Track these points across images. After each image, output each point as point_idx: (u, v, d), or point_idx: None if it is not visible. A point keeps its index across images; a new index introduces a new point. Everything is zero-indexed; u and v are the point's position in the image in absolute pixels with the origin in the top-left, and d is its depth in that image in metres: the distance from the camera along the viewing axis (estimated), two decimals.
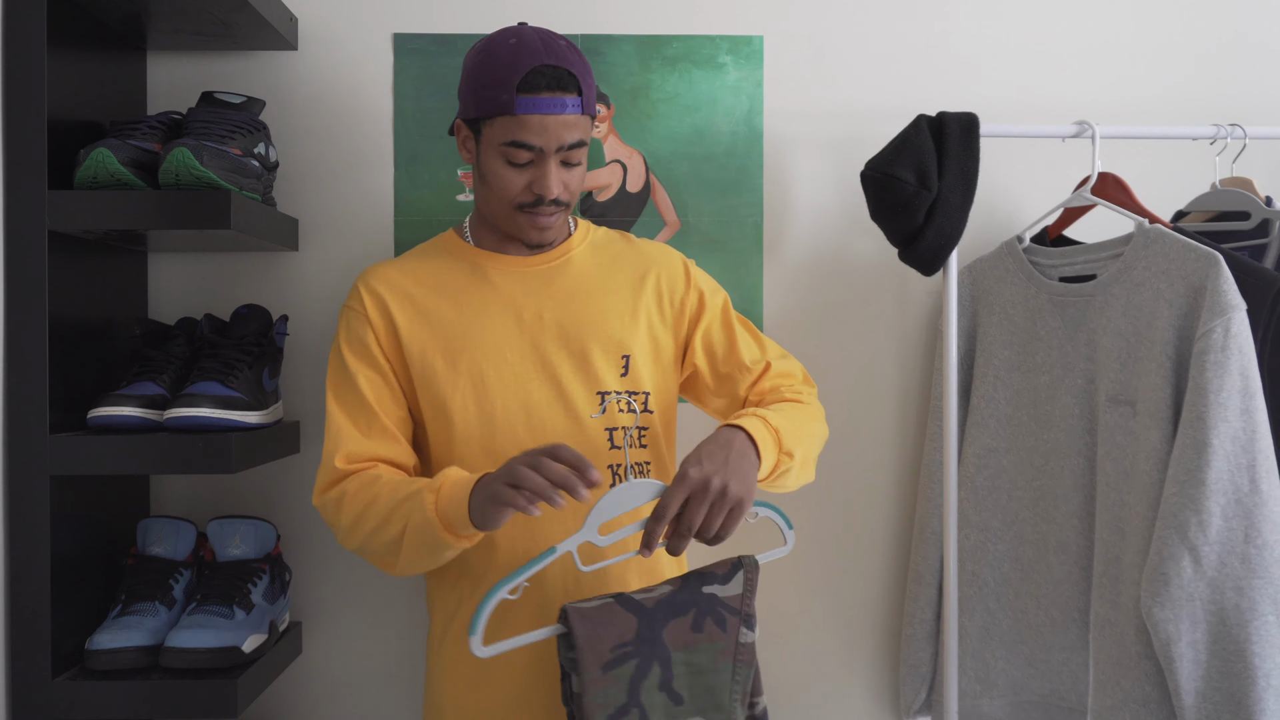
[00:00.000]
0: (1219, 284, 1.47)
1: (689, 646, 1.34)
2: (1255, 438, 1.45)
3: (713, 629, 1.35)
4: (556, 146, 1.41)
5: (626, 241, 1.61)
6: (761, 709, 1.37)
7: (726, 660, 1.35)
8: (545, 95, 1.39)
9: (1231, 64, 1.86)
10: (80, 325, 1.54)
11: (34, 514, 1.41)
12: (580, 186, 1.49)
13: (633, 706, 1.30)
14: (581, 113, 1.42)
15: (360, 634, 1.78)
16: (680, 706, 1.32)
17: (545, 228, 1.47)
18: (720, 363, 1.58)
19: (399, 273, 1.52)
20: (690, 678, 1.34)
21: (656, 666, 1.33)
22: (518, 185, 1.43)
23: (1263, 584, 1.44)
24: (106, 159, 1.41)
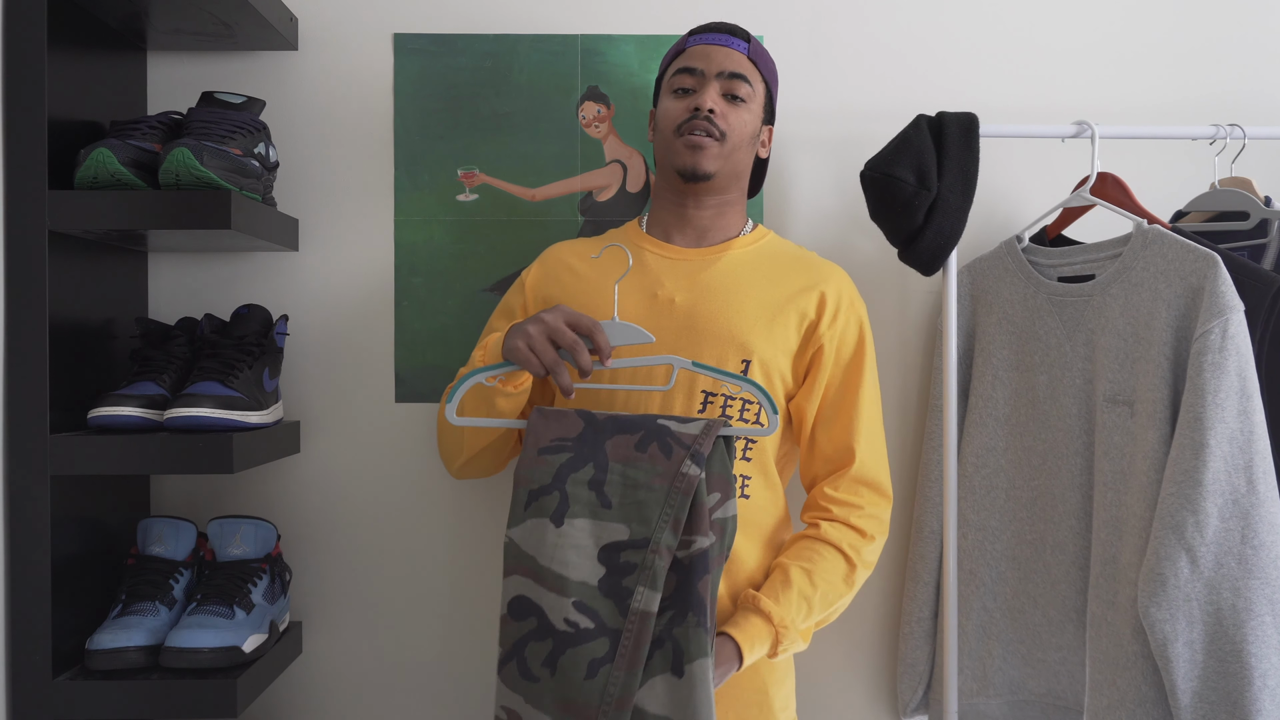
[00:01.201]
0: (1217, 285, 1.47)
1: (628, 461, 1.35)
2: (1252, 439, 1.46)
3: (656, 453, 1.35)
4: (717, 71, 1.51)
5: (802, 253, 1.61)
6: (700, 549, 1.32)
7: (663, 483, 1.33)
8: (713, 33, 1.54)
9: (1231, 64, 1.86)
10: (80, 325, 1.54)
11: (34, 514, 1.41)
12: (743, 130, 1.53)
13: (555, 489, 1.33)
14: (748, 56, 1.53)
15: (360, 634, 1.79)
16: (606, 510, 1.33)
17: (698, 145, 1.48)
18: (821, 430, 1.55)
19: (570, 248, 1.63)
20: (624, 488, 1.34)
21: (591, 466, 1.35)
22: (678, 109, 1.51)
23: (1259, 584, 1.44)
24: (106, 159, 1.41)
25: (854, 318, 1.57)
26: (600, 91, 1.80)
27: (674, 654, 1.30)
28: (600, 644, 1.29)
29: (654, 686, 1.29)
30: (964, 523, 1.72)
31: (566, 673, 1.28)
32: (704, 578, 1.31)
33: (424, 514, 1.79)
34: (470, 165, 1.79)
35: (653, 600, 1.30)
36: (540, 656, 1.29)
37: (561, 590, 1.30)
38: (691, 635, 1.30)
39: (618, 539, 1.32)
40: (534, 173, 1.79)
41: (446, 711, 1.79)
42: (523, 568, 1.32)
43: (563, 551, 1.31)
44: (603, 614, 1.30)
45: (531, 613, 1.30)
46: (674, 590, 1.32)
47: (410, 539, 1.79)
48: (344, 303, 1.78)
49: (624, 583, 1.31)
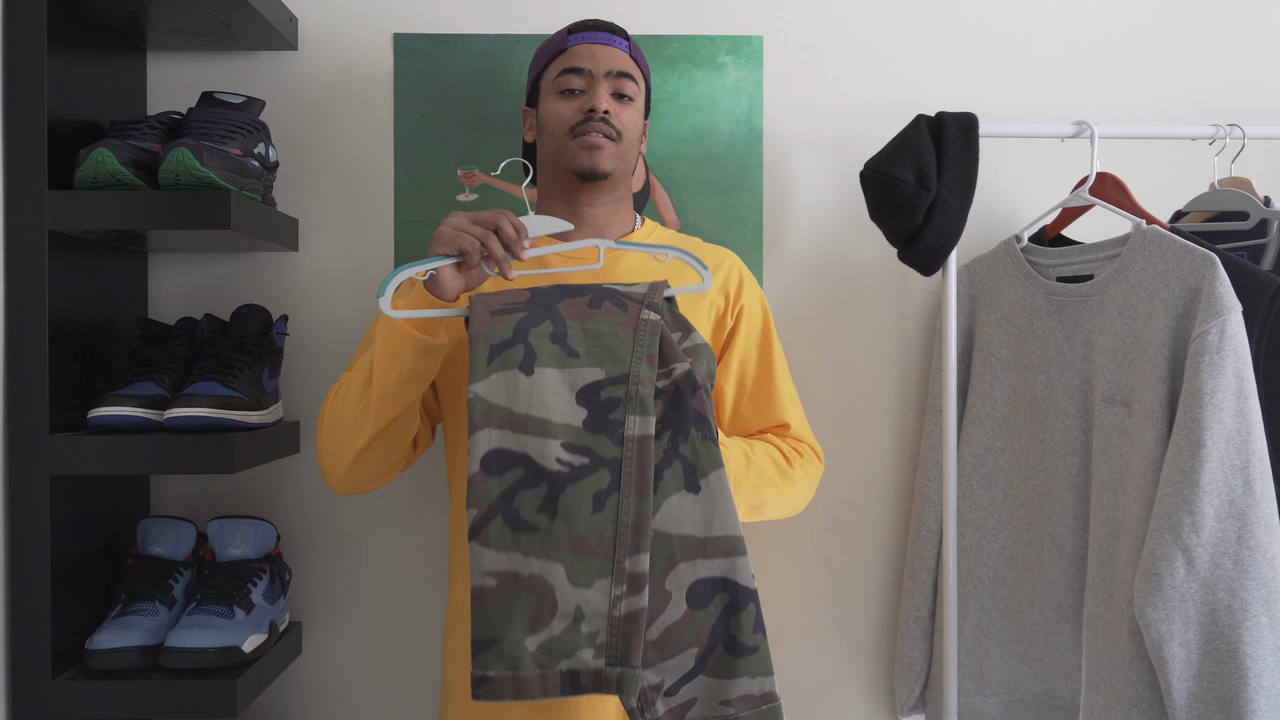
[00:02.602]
0: (1215, 285, 1.47)
1: (585, 318, 1.29)
2: (1249, 439, 1.46)
3: (611, 308, 1.30)
4: (605, 70, 1.49)
5: (691, 243, 1.62)
6: (682, 371, 1.26)
7: (627, 330, 1.28)
8: (593, 31, 1.52)
9: (1231, 64, 1.86)
10: (80, 325, 1.54)
11: (34, 514, 1.41)
12: (634, 128, 1.52)
13: (518, 342, 1.25)
14: (630, 55, 1.52)
15: (360, 634, 1.79)
16: (575, 358, 1.26)
17: (595, 146, 1.47)
18: (744, 403, 1.57)
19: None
20: (587, 339, 1.27)
21: (549, 323, 1.28)
22: (570, 109, 1.49)
23: (1255, 585, 1.44)
24: (106, 159, 1.42)
25: (754, 294, 1.60)
26: None
27: (685, 471, 1.23)
28: (601, 475, 1.21)
29: (670, 508, 1.22)
30: (961, 522, 1.72)
31: (571, 511, 1.19)
32: (696, 393, 1.25)
33: (424, 514, 1.79)
34: (470, 165, 1.79)
35: (647, 424, 1.23)
36: (535, 503, 1.20)
37: (546, 433, 1.22)
38: (700, 449, 1.23)
39: (594, 380, 1.25)
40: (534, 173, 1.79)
41: None
42: (494, 419, 1.22)
43: (540, 396, 1.23)
44: (596, 448, 1.22)
45: (515, 463, 1.21)
46: (665, 413, 1.25)
47: (410, 539, 1.79)
48: (344, 303, 1.78)
49: (611, 417, 1.23)
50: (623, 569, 1.19)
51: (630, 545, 1.19)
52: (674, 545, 1.21)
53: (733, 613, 1.21)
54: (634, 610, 1.17)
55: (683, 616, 1.20)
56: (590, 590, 1.18)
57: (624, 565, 1.19)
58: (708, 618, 1.21)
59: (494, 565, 1.19)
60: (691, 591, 1.20)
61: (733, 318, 1.57)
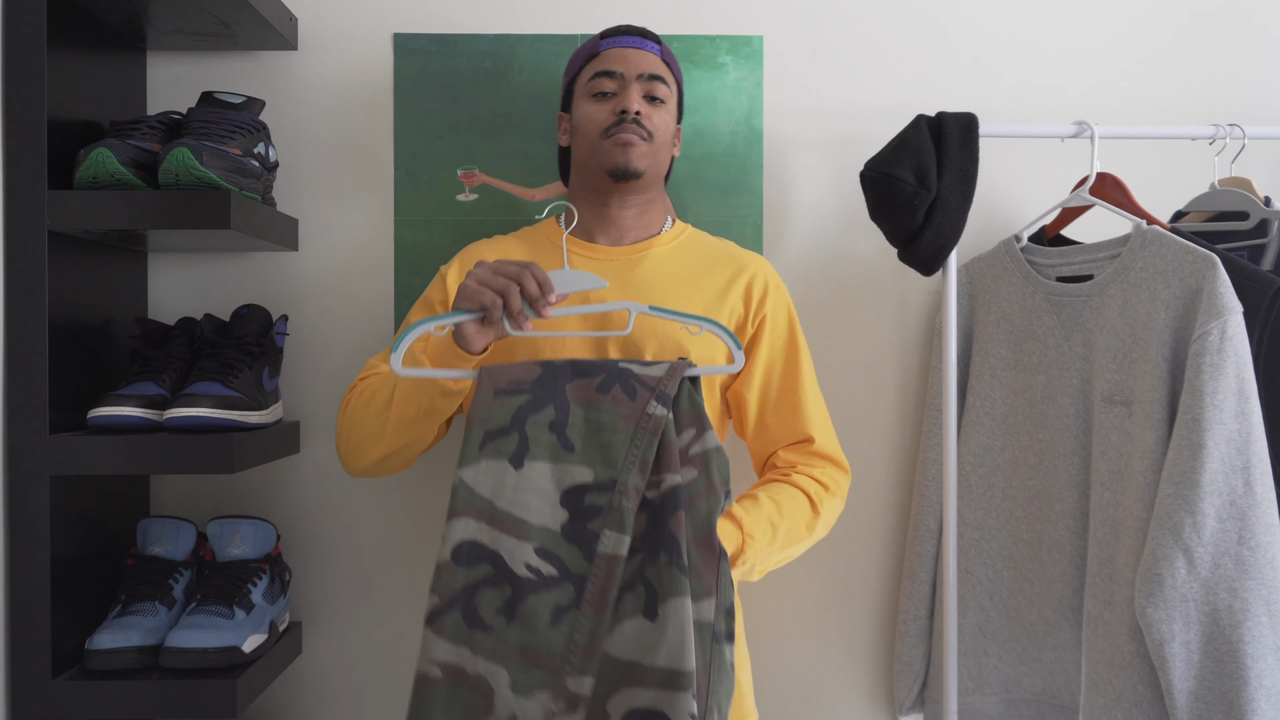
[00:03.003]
0: (1216, 286, 1.47)
1: (590, 404, 1.28)
2: (1250, 440, 1.46)
3: (619, 395, 1.28)
4: (637, 73, 1.51)
5: (722, 245, 1.62)
6: (670, 486, 1.24)
7: (628, 425, 1.26)
8: (626, 36, 1.55)
9: (1231, 64, 1.86)
10: (80, 325, 1.54)
11: (34, 514, 1.41)
12: (666, 130, 1.54)
13: (514, 431, 1.25)
14: (662, 59, 1.55)
15: (360, 634, 1.79)
16: (569, 453, 1.25)
17: (628, 144, 1.49)
18: (769, 413, 1.57)
19: (495, 249, 1.60)
20: (586, 431, 1.26)
21: (551, 408, 1.27)
22: (603, 113, 1.51)
23: (1256, 585, 1.44)
24: (106, 159, 1.42)
25: (781, 302, 1.59)
26: None
27: (646, 596, 1.21)
28: (565, 591, 1.20)
29: (623, 630, 1.20)
30: (961, 521, 1.72)
31: (528, 621, 1.19)
32: (676, 515, 1.23)
33: (424, 514, 1.79)
34: (470, 165, 1.79)
35: (621, 543, 1.22)
36: (495, 604, 1.19)
37: (522, 535, 1.21)
38: (664, 575, 1.21)
39: (582, 481, 1.24)
40: (534, 173, 1.79)
41: None
42: (474, 510, 1.22)
43: (523, 495, 1.23)
44: (566, 560, 1.21)
45: (484, 559, 1.20)
46: (644, 531, 1.24)
47: (410, 539, 1.79)
48: (344, 303, 1.78)
49: (589, 527, 1.22)
50: (564, 688, 1.19)
51: (577, 666, 1.19)
52: (618, 669, 1.20)
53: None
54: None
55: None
56: (529, 702, 1.18)
57: (566, 685, 1.19)
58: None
59: (443, 656, 1.19)
60: (627, 718, 1.18)
61: (753, 326, 1.56)
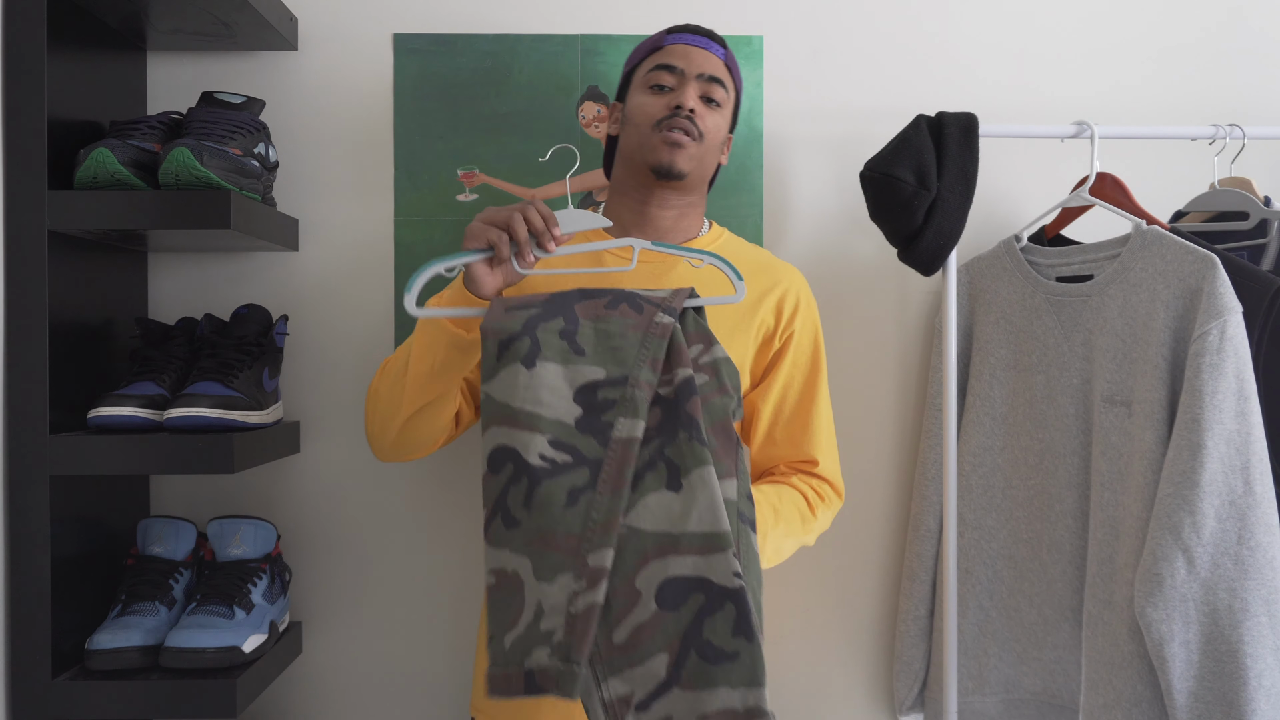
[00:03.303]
0: (1215, 286, 1.47)
1: (599, 317, 1.29)
2: (1249, 440, 1.46)
3: (627, 310, 1.29)
4: (697, 72, 1.50)
5: (756, 254, 1.60)
6: (683, 378, 1.24)
7: (637, 331, 1.27)
8: (692, 34, 1.54)
9: (1231, 64, 1.86)
10: (80, 325, 1.54)
11: (34, 514, 1.42)
12: (717, 134, 1.52)
13: (525, 336, 1.25)
14: (725, 63, 1.53)
15: (360, 634, 1.79)
16: (579, 355, 1.25)
17: (677, 143, 1.47)
18: (779, 427, 1.57)
19: None
20: (596, 339, 1.27)
21: (560, 319, 1.28)
22: (658, 105, 1.50)
23: (1255, 585, 1.45)
24: (106, 159, 1.42)
25: (810, 321, 1.59)
26: (600, 91, 1.80)
27: (668, 471, 1.19)
28: (579, 474, 1.19)
29: (647, 504, 1.18)
30: (960, 521, 1.72)
31: (544, 506, 1.17)
32: (691, 399, 1.22)
33: (424, 514, 1.79)
34: (470, 165, 1.79)
35: (636, 428, 1.20)
36: (520, 499, 1.18)
37: (535, 428, 1.20)
38: (685, 449, 1.20)
39: (594, 379, 1.24)
40: (534, 173, 1.79)
41: (446, 711, 1.79)
42: (498, 417, 1.22)
43: (535, 391, 1.22)
44: (581, 448, 1.20)
45: (508, 459, 1.20)
46: (660, 420, 1.23)
47: (410, 539, 1.79)
48: (344, 303, 1.78)
49: (603, 418, 1.21)
50: (584, 564, 1.15)
51: (596, 541, 1.15)
52: (647, 542, 1.16)
53: (707, 615, 1.13)
54: (589, 606, 1.13)
55: (651, 617, 1.14)
56: (552, 586, 1.15)
57: (586, 561, 1.15)
58: (679, 621, 1.13)
59: (494, 563, 1.18)
60: (662, 590, 1.14)
61: (780, 340, 1.55)
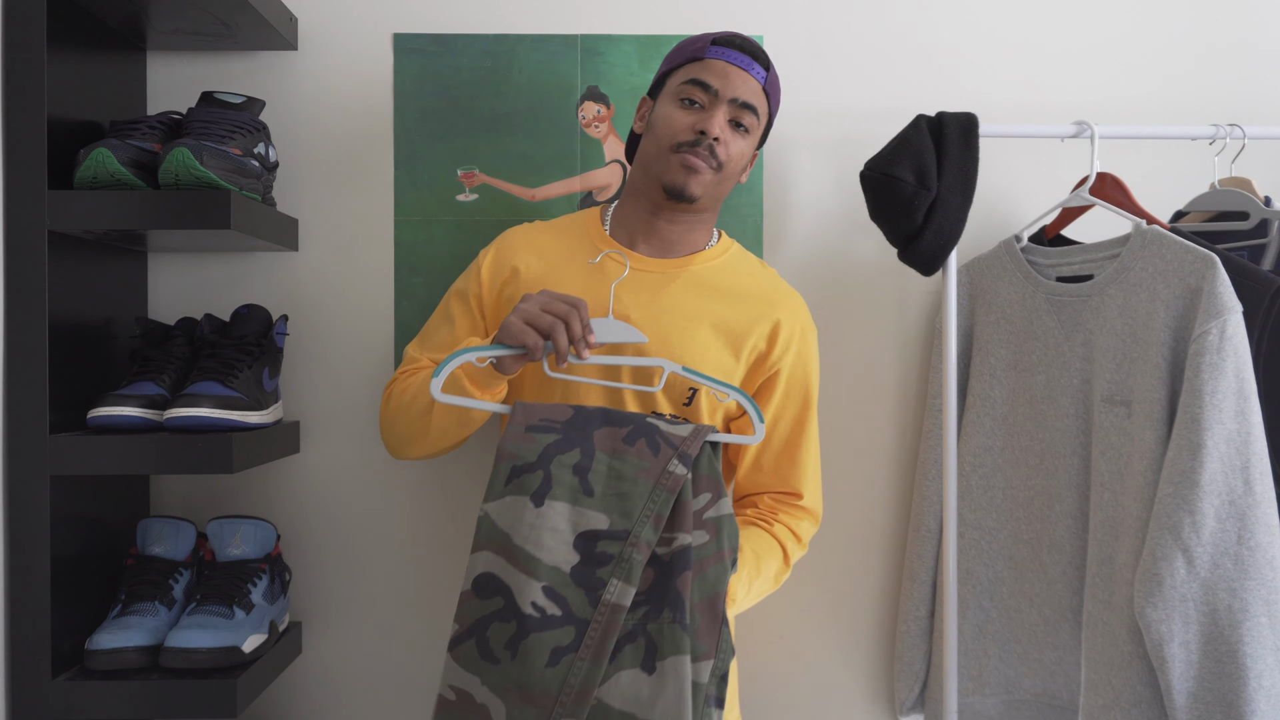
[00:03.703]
0: (1215, 286, 1.47)
1: (615, 453, 1.33)
2: (1249, 440, 1.46)
3: (643, 449, 1.33)
4: (731, 96, 1.46)
5: (762, 275, 1.58)
6: (681, 545, 1.29)
7: (648, 478, 1.31)
8: (735, 50, 1.48)
9: (1231, 64, 1.86)
10: (80, 325, 1.54)
11: (34, 514, 1.42)
12: (740, 160, 1.50)
13: (540, 468, 1.30)
14: (763, 86, 1.49)
15: (360, 634, 1.79)
16: (588, 497, 1.30)
17: (694, 169, 1.45)
18: (767, 456, 1.57)
19: (533, 236, 1.58)
20: (608, 478, 1.31)
21: (578, 451, 1.32)
22: (684, 123, 1.46)
23: (1255, 585, 1.44)
24: (106, 159, 1.42)
25: (806, 354, 1.57)
26: (600, 91, 1.80)
27: (646, 649, 1.25)
28: (566, 632, 1.24)
29: (619, 681, 1.24)
30: (961, 521, 1.72)
31: (528, 658, 1.23)
32: (684, 574, 1.27)
33: (424, 514, 1.79)
34: (470, 165, 1.79)
35: (626, 594, 1.26)
36: (503, 639, 1.24)
37: (532, 572, 1.25)
38: (666, 631, 1.25)
39: (596, 527, 1.28)
40: (534, 173, 1.79)
41: None
42: (494, 544, 1.27)
43: (538, 533, 1.27)
44: (572, 602, 1.25)
45: (498, 592, 1.25)
46: (651, 586, 1.28)
47: (410, 539, 1.79)
48: (344, 303, 1.78)
49: (598, 573, 1.26)
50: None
51: (570, 708, 1.22)
52: (613, 718, 1.23)
53: None
54: None
55: None
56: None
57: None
58: None
59: (457, 681, 1.25)
60: None
61: (771, 369, 1.53)
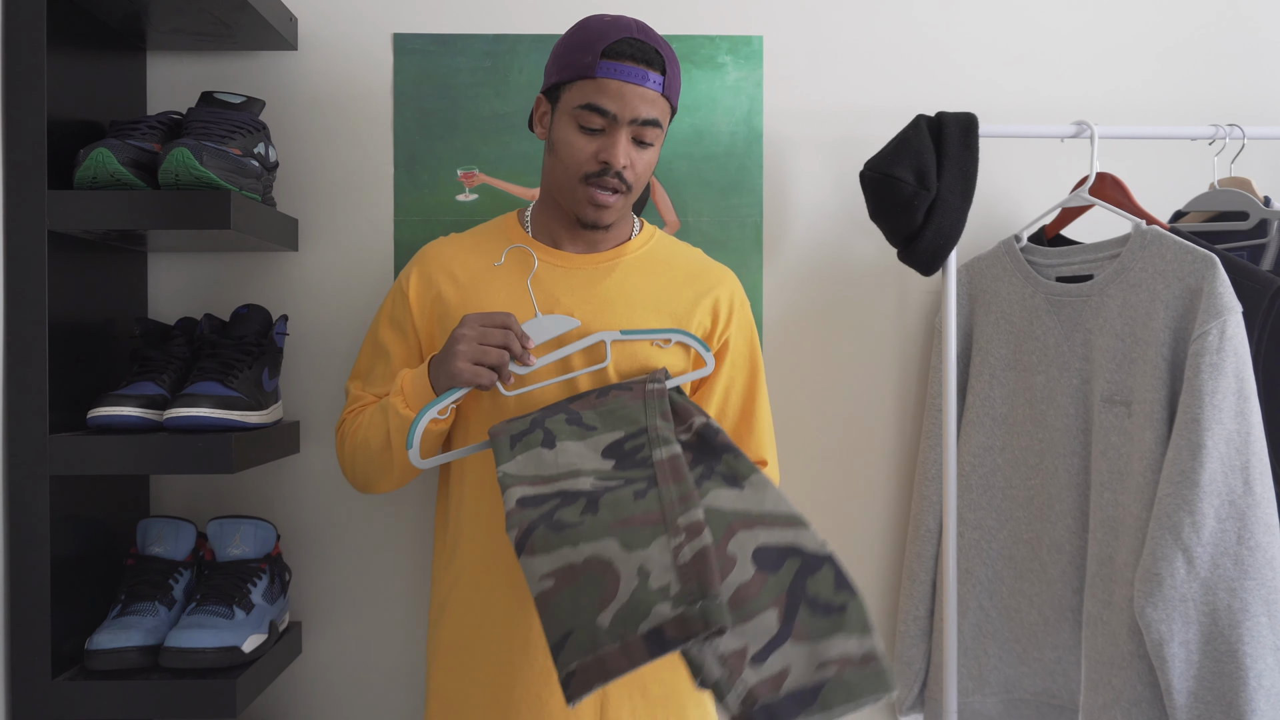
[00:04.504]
0: (1215, 286, 1.47)
1: (595, 405, 1.37)
2: (1249, 440, 1.46)
3: (617, 393, 1.38)
4: (631, 117, 1.40)
5: (690, 256, 1.58)
6: (700, 423, 1.32)
7: (636, 400, 1.35)
8: (629, 64, 1.40)
9: (1230, 64, 1.86)
10: (80, 325, 1.54)
11: (34, 514, 1.42)
12: (647, 172, 1.47)
13: (535, 429, 1.32)
14: (662, 93, 1.42)
15: (360, 634, 1.79)
16: (592, 431, 1.32)
17: (604, 205, 1.44)
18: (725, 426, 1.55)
19: (451, 251, 1.55)
20: (600, 417, 1.34)
21: (561, 413, 1.35)
22: (586, 152, 1.42)
23: (1255, 585, 1.45)
24: (106, 159, 1.42)
25: (745, 322, 1.56)
26: None
27: (725, 479, 1.25)
28: (637, 484, 1.23)
29: (718, 495, 1.22)
30: (961, 521, 1.72)
31: (613, 505, 1.20)
32: (720, 434, 1.30)
33: (424, 514, 1.79)
34: (470, 165, 1.79)
35: (673, 448, 1.26)
36: (576, 511, 1.20)
37: (577, 474, 1.26)
38: (734, 463, 1.27)
39: (614, 439, 1.31)
40: (534, 173, 1.79)
41: None
42: (524, 481, 1.26)
43: (565, 457, 1.28)
44: (629, 475, 1.26)
45: (549, 498, 1.23)
46: (693, 458, 1.29)
47: (410, 539, 1.79)
48: (344, 303, 1.78)
49: (638, 456, 1.27)
50: (677, 525, 1.17)
51: (679, 509, 1.18)
52: (729, 519, 1.20)
53: (808, 574, 1.16)
54: (699, 550, 1.14)
55: (752, 578, 1.15)
56: (649, 549, 1.16)
57: (678, 523, 1.17)
58: (780, 581, 1.15)
59: (546, 567, 1.17)
60: (758, 555, 1.17)
61: (718, 343, 1.53)
